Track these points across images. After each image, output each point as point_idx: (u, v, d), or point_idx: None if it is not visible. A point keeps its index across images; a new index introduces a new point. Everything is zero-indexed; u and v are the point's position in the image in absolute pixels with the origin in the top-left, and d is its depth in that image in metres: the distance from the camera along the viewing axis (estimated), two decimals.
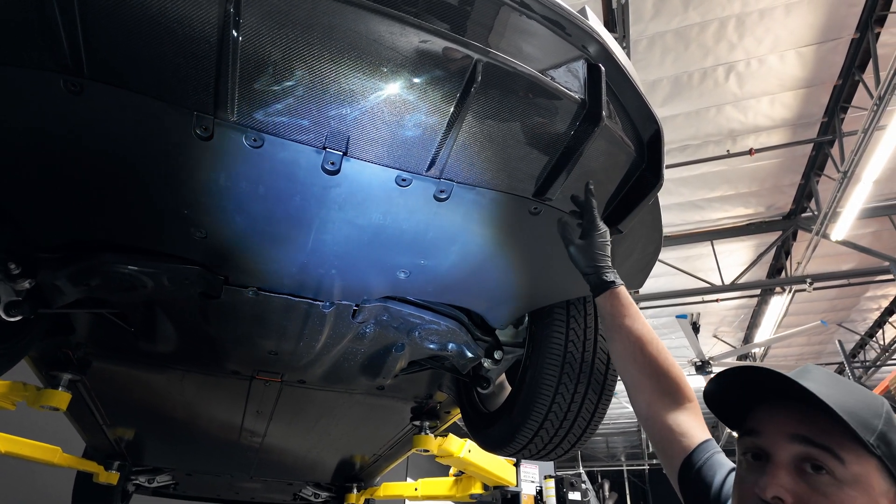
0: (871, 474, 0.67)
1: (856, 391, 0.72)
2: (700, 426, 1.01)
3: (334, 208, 1.15)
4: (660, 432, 1.01)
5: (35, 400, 1.88)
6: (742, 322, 10.78)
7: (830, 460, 0.68)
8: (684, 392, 1.04)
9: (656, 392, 1.05)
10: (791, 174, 7.38)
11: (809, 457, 0.70)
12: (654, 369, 1.07)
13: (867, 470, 0.67)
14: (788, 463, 0.71)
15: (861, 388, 0.73)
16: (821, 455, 0.69)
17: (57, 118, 0.97)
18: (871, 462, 0.68)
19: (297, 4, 0.85)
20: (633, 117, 1.17)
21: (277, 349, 1.67)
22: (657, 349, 1.09)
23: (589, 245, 1.18)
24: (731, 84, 6.10)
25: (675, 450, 0.97)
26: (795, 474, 0.70)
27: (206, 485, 3.68)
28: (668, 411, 1.02)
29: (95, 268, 1.30)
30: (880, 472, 0.68)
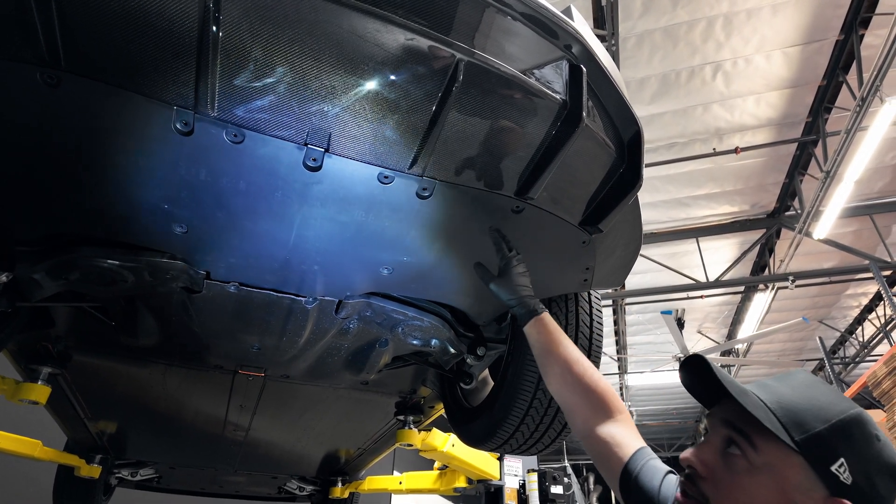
0: (786, 467, 0.72)
1: (817, 397, 0.76)
2: (633, 435, 1.04)
3: (316, 205, 1.15)
4: (597, 447, 1.04)
5: (14, 394, 1.86)
6: (726, 318, 10.93)
7: (746, 446, 0.75)
8: (614, 405, 1.08)
9: (589, 409, 1.08)
10: (775, 173, 7.47)
11: (732, 440, 0.77)
12: (583, 387, 1.10)
13: (782, 462, 0.72)
14: (717, 442, 0.79)
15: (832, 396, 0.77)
16: (739, 440, 0.76)
17: (34, 111, 0.96)
18: (792, 457, 0.72)
19: (277, 3, 0.84)
20: (614, 118, 1.18)
21: (260, 344, 1.67)
22: (584, 368, 1.13)
23: (508, 279, 1.23)
24: (718, 83, 6.15)
25: (612, 461, 1.00)
26: (719, 453, 0.78)
27: (189, 478, 3.67)
28: (601, 425, 1.05)
29: (74, 262, 1.28)
30: (801, 469, 0.72)
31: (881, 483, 0.72)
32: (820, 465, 0.71)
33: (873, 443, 0.73)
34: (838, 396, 0.77)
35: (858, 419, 0.74)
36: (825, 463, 0.71)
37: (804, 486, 0.71)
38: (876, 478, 0.72)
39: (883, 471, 0.72)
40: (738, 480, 0.75)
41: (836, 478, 0.70)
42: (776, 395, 0.76)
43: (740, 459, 0.75)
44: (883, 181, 7.35)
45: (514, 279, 1.22)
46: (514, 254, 1.23)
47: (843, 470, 0.70)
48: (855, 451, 0.72)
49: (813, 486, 0.71)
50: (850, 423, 0.73)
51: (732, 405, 0.77)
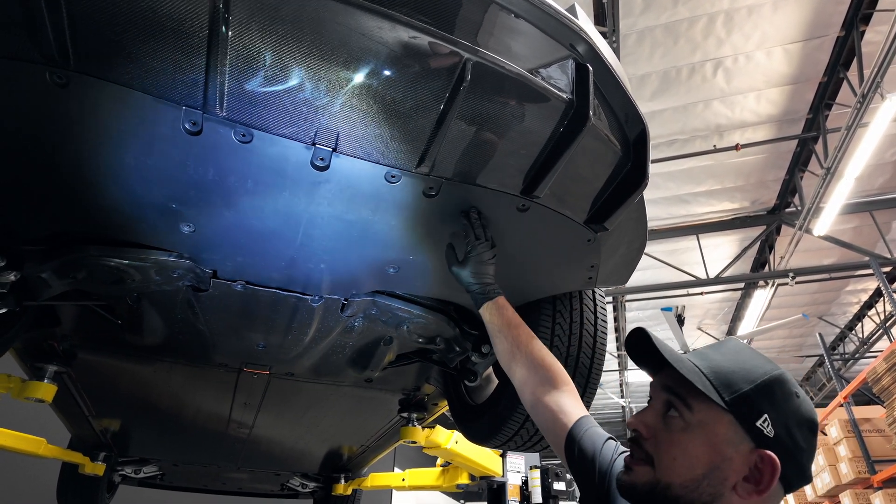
0: (717, 424, 0.80)
1: (745, 361, 0.85)
2: (577, 405, 1.13)
3: (323, 204, 1.15)
4: (544, 415, 1.13)
5: (20, 392, 1.87)
6: (726, 315, 10.94)
7: (681, 406, 0.83)
8: (560, 377, 1.17)
9: (537, 382, 1.17)
10: (776, 170, 7.47)
11: (671, 403, 0.85)
12: (532, 362, 1.20)
13: (714, 420, 0.80)
14: (659, 406, 0.87)
15: (758, 360, 0.85)
16: (677, 402, 0.84)
17: (43, 111, 0.96)
18: (722, 415, 0.80)
19: (286, 3, 0.85)
20: (620, 117, 1.18)
21: (266, 342, 1.68)
22: (534, 344, 1.23)
23: (471, 264, 1.28)
24: (718, 79, 6.14)
25: (557, 428, 1.09)
26: (660, 416, 0.86)
27: (193, 475, 3.68)
28: (548, 396, 1.14)
29: (81, 261, 1.29)
30: (730, 425, 0.79)
31: (799, 435, 0.80)
32: (746, 421, 0.79)
33: (793, 399, 0.81)
34: (763, 360, 0.85)
35: (780, 379, 0.82)
36: (751, 419, 0.78)
37: (733, 440, 0.79)
38: (795, 430, 0.79)
39: (801, 424, 0.80)
40: (675, 438, 0.82)
41: (761, 432, 0.78)
42: (709, 361, 0.85)
43: (678, 420, 0.83)
44: (883, 178, 7.35)
45: (477, 266, 1.27)
46: (481, 241, 1.26)
47: (766, 425, 0.78)
48: (776, 408, 0.79)
49: (740, 439, 0.79)
50: (773, 382, 0.81)
51: (671, 372, 0.85)
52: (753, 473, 0.78)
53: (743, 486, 0.78)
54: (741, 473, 0.78)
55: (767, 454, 0.77)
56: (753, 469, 0.78)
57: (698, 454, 0.80)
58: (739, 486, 0.78)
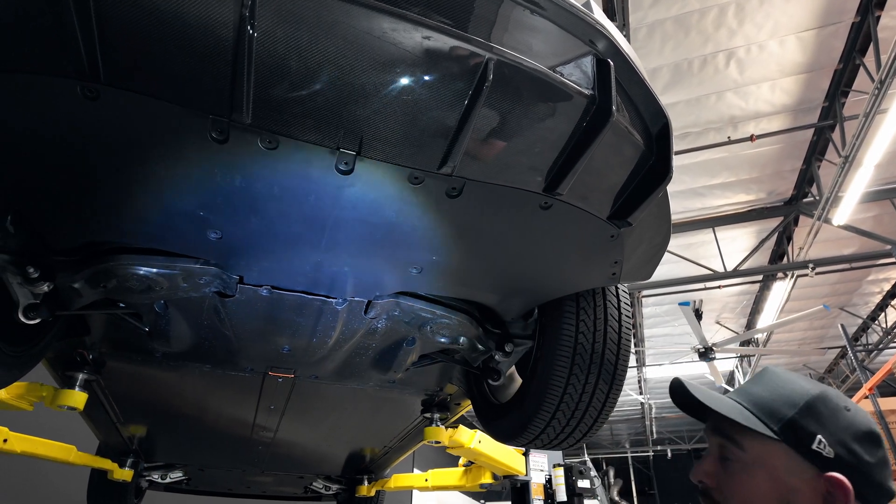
0: (773, 456, 0.79)
1: (783, 386, 0.83)
2: None
3: (348, 207, 1.16)
4: None
5: (52, 400, 1.91)
6: (744, 308, 10.81)
7: (734, 448, 0.82)
8: None
9: None
10: (792, 160, 7.37)
11: (723, 446, 0.83)
12: None
13: (769, 453, 0.79)
14: (715, 452, 0.86)
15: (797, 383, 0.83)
16: (728, 444, 0.83)
17: (73, 123, 0.98)
18: (776, 447, 0.79)
19: (312, 8, 0.86)
20: (642, 111, 1.18)
21: (291, 346, 1.69)
22: None
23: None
24: (731, 70, 6.08)
25: None
26: (718, 461, 0.85)
27: (218, 479, 3.72)
28: None
29: (111, 270, 1.31)
30: (786, 455, 0.78)
31: (860, 449, 0.76)
32: (801, 447, 0.77)
33: (842, 414, 0.78)
34: (803, 381, 0.83)
35: (822, 396, 0.79)
36: (805, 444, 0.76)
37: (794, 470, 0.77)
38: (854, 445, 0.76)
39: (859, 437, 0.77)
40: (738, 480, 0.81)
41: (819, 454, 0.75)
42: (749, 395, 0.84)
43: (734, 462, 0.82)
44: None
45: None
46: None
47: (822, 446, 0.76)
48: (827, 426, 0.77)
49: (801, 467, 0.77)
50: (815, 401, 0.79)
51: (715, 415, 0.84)
52: (827, 499, 0.75)
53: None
54: (812, 498, 0.76)
55: (835, 477, 0.74)
56: (826, 495, 0.75)
57: (765, 491, 0.78)
58: None
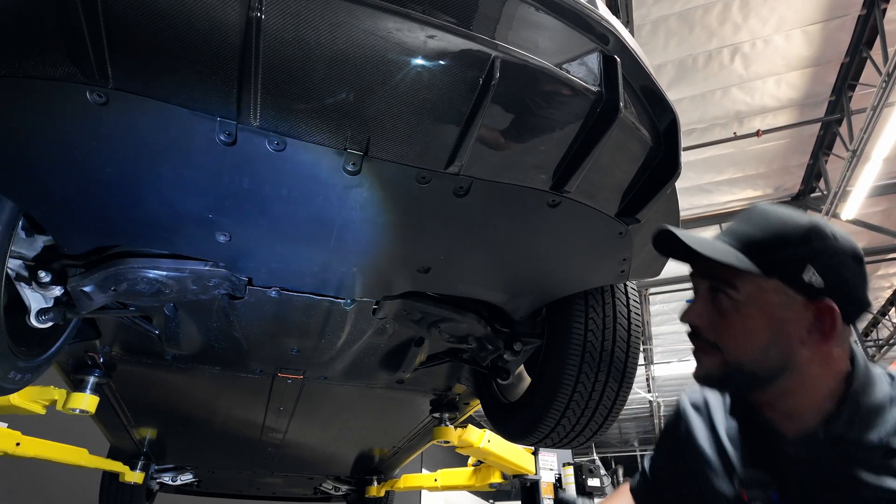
0: (765, 293, 0.80)
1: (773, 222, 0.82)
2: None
3: (355, 208, 1.16)
4: None
5: (64, 403, 1.92)
6: None
7: (726, 288, 0.83)
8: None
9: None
10: (799, 154, 7.32)
11: (715, 287, 0.85)
12: None
13: (761, 290, 0.80)
14: (706, 294, 0.87)
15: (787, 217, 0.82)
16: (719, 285, 0.84)
17: (83, 128, 0.99)
18: (767, 283, 0.80)
19: (319, 10, 0.86)
20: (649, 107, 1.17)
21: (300, 347, 1.70)
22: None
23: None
24: (736, 66, 6.05)
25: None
26: (709, 304, 0.86)
27: (228, 481, 3.74)
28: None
29: (122, 273, 1.32)
30: (778, 290, 0.79)
31: (847, 271, 0.78)
32: (793, 280, 0.78)
33: (830, 241, 0.79)
34: (792, 214, 0.83)
35: (813, 227, 0.80)
36: (796, 276, 0.78)
37: (786, 303, 0.79)
38: (841, 269, 0.78)
39: (845, 261, 0.79)
40: (731, 320, 0.82)
41: (810, 285, 0.77)
42: (739, 235, 0.84)
43: (727, 301, 0.83)
44: None
45: None
46: None
47: (812, 276, 0.77)
48: (817, 255, 0.78)
49: (793, 299, 0.79)
50: (807, 233, 0.79)
51: (706, 259, 0.83)
52: (816, 325, 0.78)
53: (809, 339, 0.79)
54: (804, 329, 0.79)
55: (824, 303, 0.77)
56: (814, 321, 0.78)
57: (757, 328, 0.80)
58: (806, 340, 0.79)
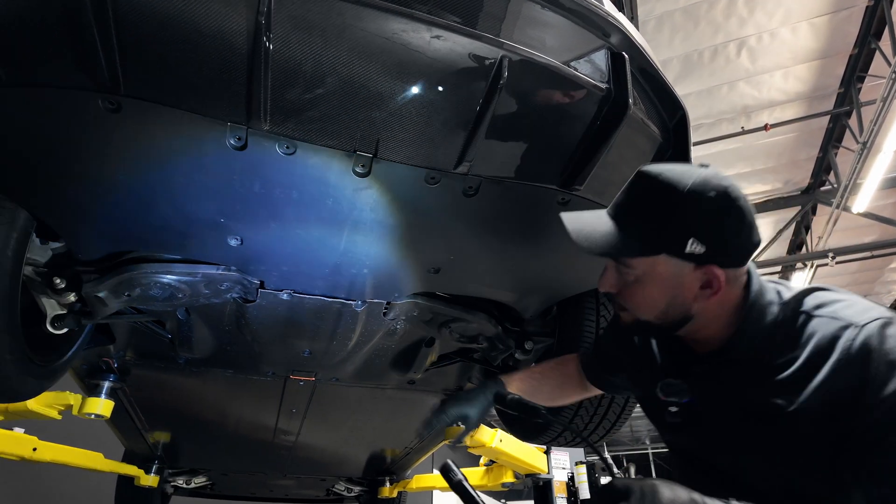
0: (656, 266, 0.89)
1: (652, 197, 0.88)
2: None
3: (365, 210, 1.17)
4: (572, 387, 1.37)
5: (80, 408, 1.94)
6: None
7: (623, 267, 0.93)
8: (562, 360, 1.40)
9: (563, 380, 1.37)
10: (808, 148, 7.25)
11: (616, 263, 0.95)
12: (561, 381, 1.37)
13: (652, 265, 0.89)
14: (612, 266, 0.96)
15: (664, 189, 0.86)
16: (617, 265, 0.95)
17: (96, 135, 1.00)
18: (656, 259, 0.89)
19: (324, 14, 0.87)
20: (658, 103, 1.17)
21: (311, 349, 1.71)
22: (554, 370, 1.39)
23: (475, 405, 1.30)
24: (742, 60, 5.99)
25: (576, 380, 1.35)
26: (616, 273, 0.96)
27: (241, 484, 3.76)
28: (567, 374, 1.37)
29: (135, 279, 1.33)
30: (667, 261, 0.88)
31: (726, 231, 0.85)
32: (677, 253, 0.86)
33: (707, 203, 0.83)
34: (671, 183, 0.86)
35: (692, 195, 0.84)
36: (680, 249, 0.85)
37: (676, 272, 0.88)
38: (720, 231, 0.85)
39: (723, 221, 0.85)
40: (633, 289, 0.94)
41: (693, 254, 0.85)
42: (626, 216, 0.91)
43: (628, 274, 0.93)
44: None
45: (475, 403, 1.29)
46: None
47: (695, 245, 0.84)
48: (695, 225, 0.85)
49: (681, 267, 0.88)
50: (685, 205, 0.84)
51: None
52: (705, 286, 0.88)
53: (701, 294, 0.89)
54: (696, 289, 0.89)
55: (708, 269, 0.87)
56: (704, 283, 0.88)
57: (654, 295, 0.91)
58: (699, 296, 0.89)
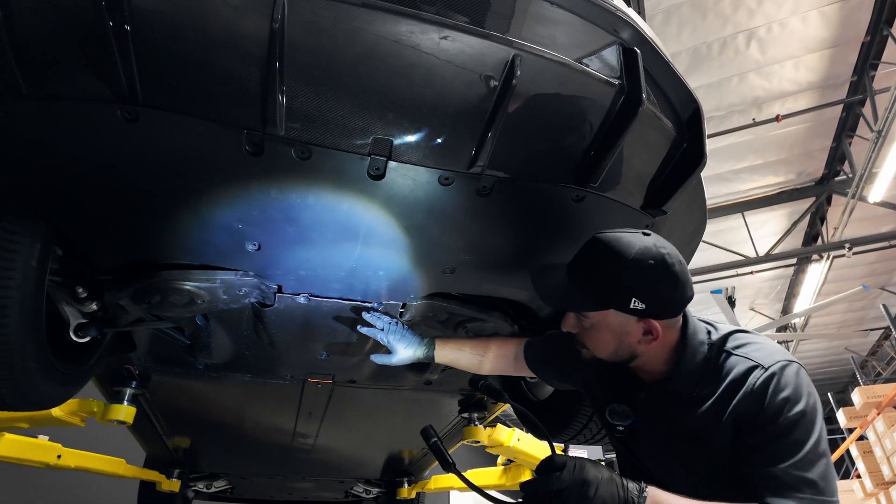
0: (606, 318, 1.10)
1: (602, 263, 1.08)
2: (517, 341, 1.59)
3: (380, 212, 1.17)
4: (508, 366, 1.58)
5: (103, 415, 1.97)
6: (779, 293, 10.54)
7: (580, 317, 1.15)
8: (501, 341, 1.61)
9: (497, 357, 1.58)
10: (821, 138, 7.15)
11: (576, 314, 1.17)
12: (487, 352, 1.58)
13: (602, 317, 1.10)
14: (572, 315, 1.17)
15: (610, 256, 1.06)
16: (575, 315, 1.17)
17: (114, 145, 1.01)
18: (606, 312, 1.09)
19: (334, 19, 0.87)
20: (671, 97, 1.17)
21: (328, 351, 1.72)
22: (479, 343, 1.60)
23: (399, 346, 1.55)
24: (752, 51, 5.93)
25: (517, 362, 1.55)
26: (576, 321, 1.17)
27: (260, 487, 3.79)
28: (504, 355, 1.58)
29: (155, 286, 1.35)
30: (615, 315, 1.08)
31: (663, 290, 1.05)
32: (623, 308, 1.06)
33: (647, 272, 1.03)
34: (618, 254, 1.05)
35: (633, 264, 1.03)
36: (626, 305, 1.05)
37: (623, 322, 1.09)
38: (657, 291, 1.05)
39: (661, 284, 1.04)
40: (589, 334, 1.15)
41: (636, 309, 1.05)
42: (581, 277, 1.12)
43: (584, 321, 1.14)
44: None
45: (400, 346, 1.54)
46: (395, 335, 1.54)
47: (637, 303, 1.04)
48: (638, 287, 1.04)
49: (627, 319, 1.08)
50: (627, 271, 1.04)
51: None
52: (646, 333, 1.09)
53: (644, 340, 1.10)
54: (639, 336, 1.10)
55: (648, 322, 1.07)
56: (644, 332, 1.09)
57: (605, 340, 1.13)
58: (642, 340, 1.10)
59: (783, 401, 1.00)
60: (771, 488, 0.97)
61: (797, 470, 0.96)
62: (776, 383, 1.01)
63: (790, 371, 1.03)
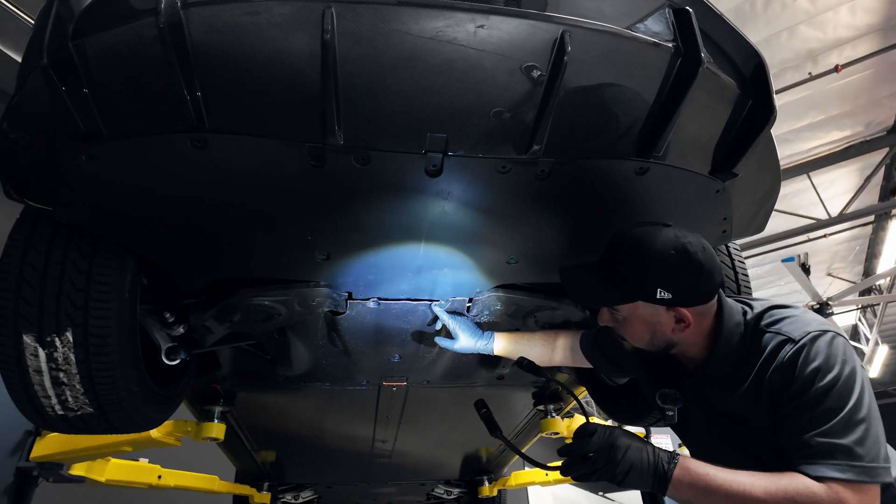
0: (636, 310, 1.15)
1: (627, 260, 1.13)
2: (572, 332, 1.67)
3: (441, 207, 1.18)
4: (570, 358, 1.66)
5: (196, 434, 2.07)
6: (858, 255, 9.85)
7: (613, 311, 1.20)
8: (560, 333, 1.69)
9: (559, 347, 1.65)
10: (888, 83, 6.64)
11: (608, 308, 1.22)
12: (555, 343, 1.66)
13: (633, 309, 1.15)
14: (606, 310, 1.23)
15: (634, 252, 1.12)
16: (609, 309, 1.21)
17: (187, 173, 1.07)
18: (636, 305, 1.14)
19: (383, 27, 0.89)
20: (731, 54, 1.11)
21: (401, 354, 1.74)
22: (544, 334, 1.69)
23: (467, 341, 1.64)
24: (800, 1, 5.60)
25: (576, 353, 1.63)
26: (610, 314, 1.22)
27: (345, 495, 3.88)
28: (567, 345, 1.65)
29: (235, 304, 1.41)
30: (643, 306, 1.13)
31: (687, 280, 1.08)
32: (651, 300, 1.10)
33: (669, 263, 1.07)
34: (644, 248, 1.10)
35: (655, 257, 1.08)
36: (653, 297, 1.09)
37: (653, 314, 1.14)
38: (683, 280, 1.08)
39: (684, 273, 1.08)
40: (624, 327, 1.20)
41: (664, 299, 1.09)
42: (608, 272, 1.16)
43: (617, 315, 1.19)
44: None
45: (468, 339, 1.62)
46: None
47: (664, 294, 1.08)
48: (663, 278, 1.08)
49: (657, 310, 1.13)
50: (651, 266, 1.09)
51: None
52: (678, 322, 1.13)
53: (677, 328, 1.14)
54: (671, 326, 1.14)
55: (676, 310, 1.11)
56: (675, 321, 1.13)
57: (640, 331, 1.17)
58: (675, 329, 1.14)
59: (813, 371, 1.01)
60: (805, 456, 0.98)
61: (830, 437, 0.97)
62: (805, 355, 1.03)
63: (822, 341, 1.04)
